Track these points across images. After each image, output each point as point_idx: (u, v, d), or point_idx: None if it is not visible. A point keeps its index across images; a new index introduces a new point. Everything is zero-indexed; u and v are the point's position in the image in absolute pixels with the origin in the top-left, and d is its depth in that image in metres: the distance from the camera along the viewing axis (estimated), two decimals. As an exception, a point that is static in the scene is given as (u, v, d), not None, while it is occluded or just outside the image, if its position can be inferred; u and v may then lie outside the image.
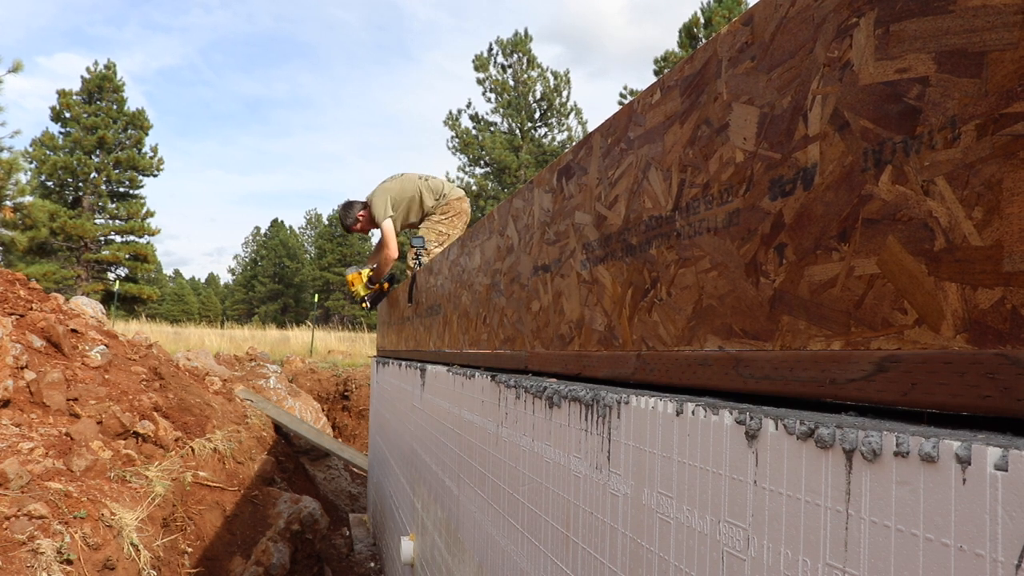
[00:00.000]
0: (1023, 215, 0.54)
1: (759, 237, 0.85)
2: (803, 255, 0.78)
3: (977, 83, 0.58)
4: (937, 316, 0.62)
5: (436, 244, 5.24)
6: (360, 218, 5.39)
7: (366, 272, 5.48)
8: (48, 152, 28.63)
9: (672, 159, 1.07)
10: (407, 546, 3.25)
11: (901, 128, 0.66)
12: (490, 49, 29.73)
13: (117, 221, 30.31)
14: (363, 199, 5.47)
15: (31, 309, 4.96)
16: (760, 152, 0.86)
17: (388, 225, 5.20)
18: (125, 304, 28.63)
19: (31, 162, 27.58)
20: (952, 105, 0.61)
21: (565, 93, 30.19)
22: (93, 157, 29.43)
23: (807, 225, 0.78)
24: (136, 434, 4.26)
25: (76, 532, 3.00)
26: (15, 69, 15.78)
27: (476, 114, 30.29)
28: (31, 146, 28.26)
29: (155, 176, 31.38)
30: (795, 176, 0.80)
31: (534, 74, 29.86)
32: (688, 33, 23.43)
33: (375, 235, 5.83)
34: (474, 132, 29.98)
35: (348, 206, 5.40)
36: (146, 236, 30.64)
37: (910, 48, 0.65)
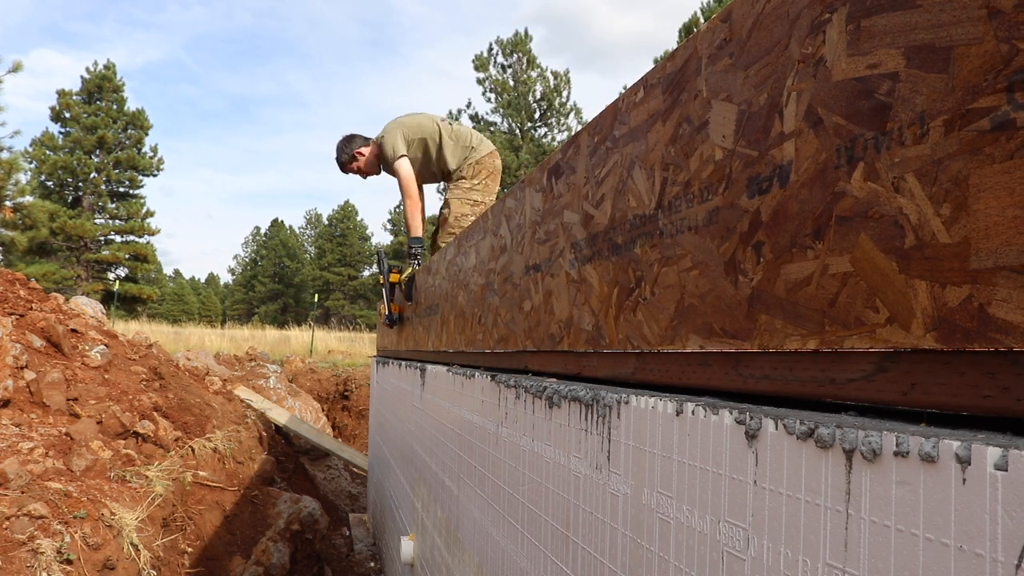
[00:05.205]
0: (989, 212, 0.54)
1: (737, 235, 0.85)
2: (779, 253, 0.78)
3: (944, 78, 0.58)
4: (908, 314, 0.62)
5: (471, 216, 4.29)
6: (358, 155, 4.36)
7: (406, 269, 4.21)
8: (48, 152, 28.63)
9: (655, 157, 1.07)
10: (407, 546, 3.25)
11: (872, 124, 0.66)
12: (490, 49, 29.75)
13: (117, 221, 30.31)
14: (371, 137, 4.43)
15: (31, 309, 4.96)
16: (738, 150, 0.86)
17: (403, 165, 4.11)
18: (125, 304, 28.62)
19: (31, 162, 27.58)
20: (921, 101, 0.61)
21: (565, 93, 30.20)
22: (93, 157, 29.44)
23: (783, 223, 0.77)
24: (136, 434, 4.26)
25: (76, 532, 3.00)
26: (15, 69, 15.77)
27: (476, 114, 30.28)
28: (31, 146, 28.26)
29: (155, 176, 31.40)
30: (772, 173, 0.80)
31: (534, 74, 29.87)
32: (688, 33, 23.43)
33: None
34: (474, 132, 29.96)
35: (348, 139, 4.40)
36: (146, 236, 30.64)
37: (880, 43, 0.65)
